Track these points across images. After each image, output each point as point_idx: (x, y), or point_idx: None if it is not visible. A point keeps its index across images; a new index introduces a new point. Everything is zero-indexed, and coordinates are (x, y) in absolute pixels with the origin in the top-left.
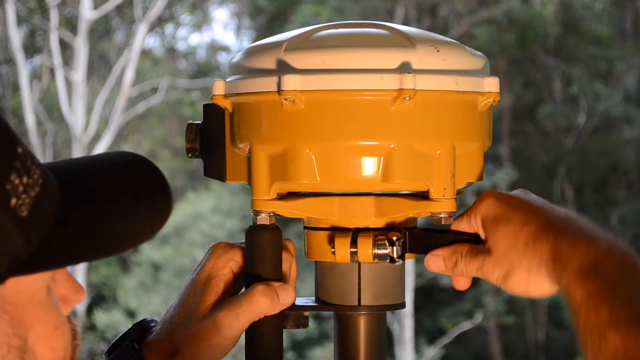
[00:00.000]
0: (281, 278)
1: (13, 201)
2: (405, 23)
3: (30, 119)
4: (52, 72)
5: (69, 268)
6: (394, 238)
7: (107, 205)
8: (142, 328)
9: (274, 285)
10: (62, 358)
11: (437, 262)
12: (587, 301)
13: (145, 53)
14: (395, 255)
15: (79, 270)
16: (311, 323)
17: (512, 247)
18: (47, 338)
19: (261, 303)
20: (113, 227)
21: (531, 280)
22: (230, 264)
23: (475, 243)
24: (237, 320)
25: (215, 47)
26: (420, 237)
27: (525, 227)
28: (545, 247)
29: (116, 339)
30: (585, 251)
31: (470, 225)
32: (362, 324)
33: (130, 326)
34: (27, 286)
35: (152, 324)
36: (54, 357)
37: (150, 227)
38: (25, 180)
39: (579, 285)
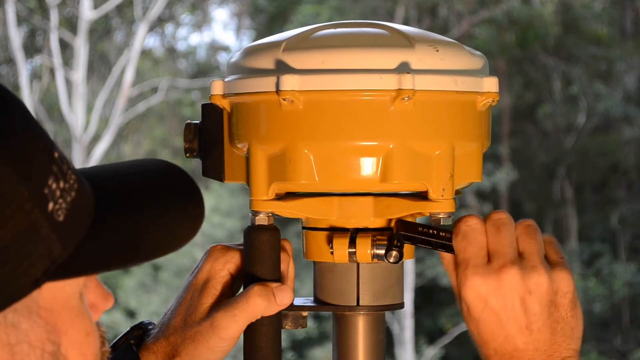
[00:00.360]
0: (280, 278)
1: (50, 206)
2: (405, 23)
3: None
4: (52, 72)
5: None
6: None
7: (140, 211)
8: (140, 330)
9: (271, 285)
10: None
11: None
12: None
13: (145, 53)
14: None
15: None
16: (310, 323)
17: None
18: (79, 344)
19: (257, 304)
20: (146, 234)
21: None
22: (227, 266)
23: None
24: (234, 322)
25: (215, 47)
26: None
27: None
28: None
29: (114, 341)
30: None
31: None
32: (360, 324)
33: (128, 329)
34: (61, 291)
35: (150, 327)
36: None
37: (183, 233)
38: (62, 185)
39: None
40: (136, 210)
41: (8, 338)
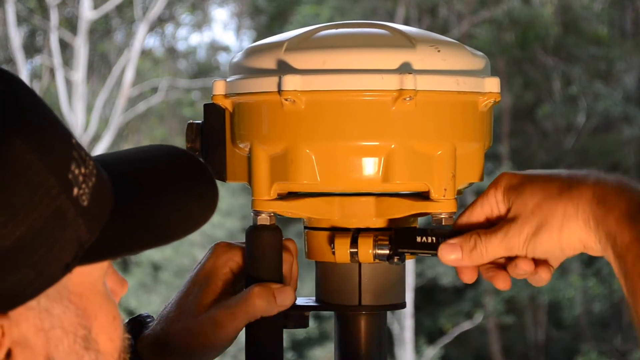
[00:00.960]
0: (281, 278)
1: (75, 191)
2: (405, 23)
3: None
4: (52, 72)
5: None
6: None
7: (157, 194)
8: (138, 323)
9: (272, 287)
10: (120, 348)
11: (452, 250)
12: (637, 243)
13: (145, 53)
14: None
15: None
16: (311, 323)
17: (544, 198)
18: (107, 328)
19: (257, 305)
20: (165, 215)
21: (564, 230)
22: (230, 263)
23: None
24: (233, 320)
25: (215, 47)
26: (408, 234)
27: (556, 179)
28: (586, 191)
29: None
30: (630, 196)
31: (488, 202)
32: (362, 324)
33: (126, 321)
34: (88, 276)
35: (148, 320)
36: (113, 347)
37: (201, 213)
38: (83, 170)
39: (627, 229)
40: (154, 194)
41: (42, 323)
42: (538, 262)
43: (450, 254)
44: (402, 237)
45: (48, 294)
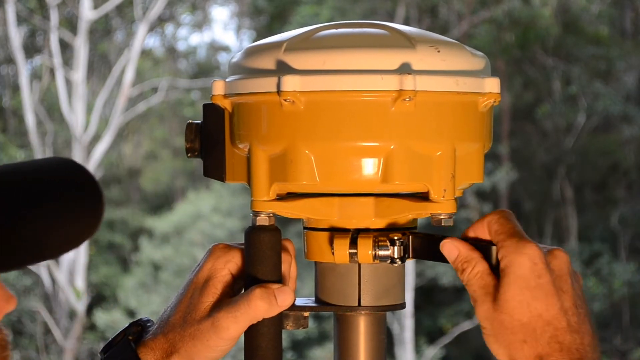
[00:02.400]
0: (280, 279)
1: None
2: (405, 23)
3: (30, 119)
4: (52, 72)
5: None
6: (395, 238)
7: (37, 209)
8: (138, 327)
9: (272, 287)
10: None
11: (452, 251)
12: None
13: (145, 53)
14: (395, 256)
15: (80, 270)
16: (311, 323)
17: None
18: None
19: (259, 307)
20: (43, 233)
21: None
22: (229, 265)
23: (486, 253)
24: (235, 323)
25: (215, 47)
26: (424, 241)
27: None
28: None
29: (112, 337)
30: None
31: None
32: (362, 324)
33: (126, 325)
34: None
35: (149, 324)
36: None
37: (83, 230)
38: None
39: None
40: (32, 209)
41: None
42: None
43: (448, 252)
44: (421, 245)
45: None
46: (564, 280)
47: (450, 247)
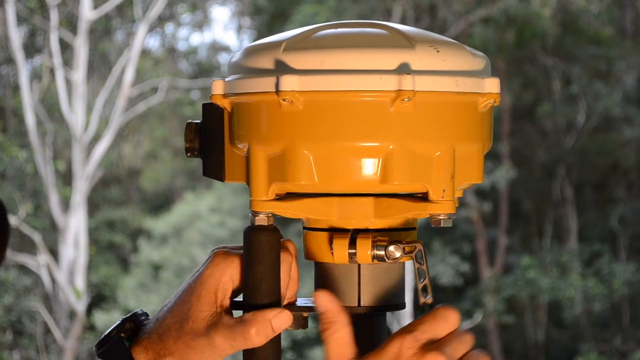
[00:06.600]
0: (279, 279)
1: None
2: (403, 22)
3: (30, 119)
4: (52, 72)
5: None
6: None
7: None
8: (132, 323)
9: (269, 316)
10: None
11: (320, 306)
12: None
13: (145, 53)
14: (397, 256)
15: (80, 270)
16: (310, 323)
17: None
18: None
19: (256, 341)
20: None
21: None
22: (228, 271)
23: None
24: (231, 348)
25: (215, 47)
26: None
27: None
28: None
29: (106, 332)
30: None
31: None
32: (361, 324)
33: (119, 320)
34: None
35: (143, 318)
36: None
37: None
38: None
39: None
40: None
41: None
42: None
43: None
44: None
45: None
46: None
47: (320, 302)
